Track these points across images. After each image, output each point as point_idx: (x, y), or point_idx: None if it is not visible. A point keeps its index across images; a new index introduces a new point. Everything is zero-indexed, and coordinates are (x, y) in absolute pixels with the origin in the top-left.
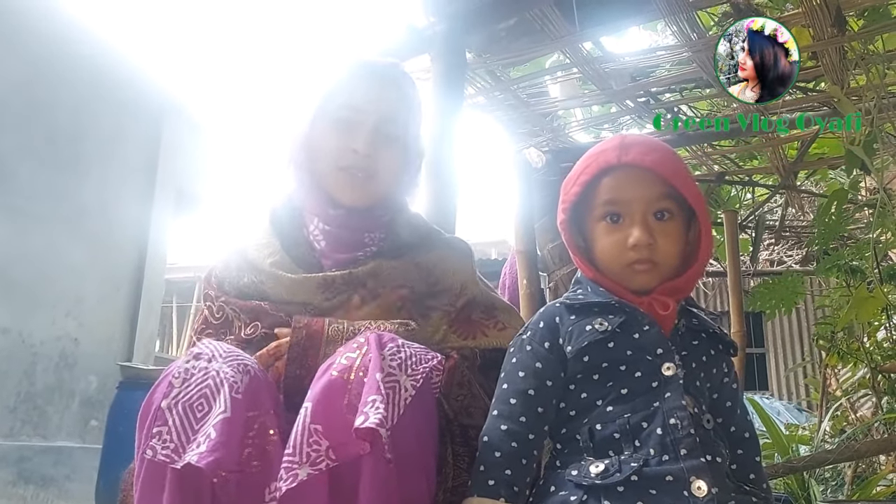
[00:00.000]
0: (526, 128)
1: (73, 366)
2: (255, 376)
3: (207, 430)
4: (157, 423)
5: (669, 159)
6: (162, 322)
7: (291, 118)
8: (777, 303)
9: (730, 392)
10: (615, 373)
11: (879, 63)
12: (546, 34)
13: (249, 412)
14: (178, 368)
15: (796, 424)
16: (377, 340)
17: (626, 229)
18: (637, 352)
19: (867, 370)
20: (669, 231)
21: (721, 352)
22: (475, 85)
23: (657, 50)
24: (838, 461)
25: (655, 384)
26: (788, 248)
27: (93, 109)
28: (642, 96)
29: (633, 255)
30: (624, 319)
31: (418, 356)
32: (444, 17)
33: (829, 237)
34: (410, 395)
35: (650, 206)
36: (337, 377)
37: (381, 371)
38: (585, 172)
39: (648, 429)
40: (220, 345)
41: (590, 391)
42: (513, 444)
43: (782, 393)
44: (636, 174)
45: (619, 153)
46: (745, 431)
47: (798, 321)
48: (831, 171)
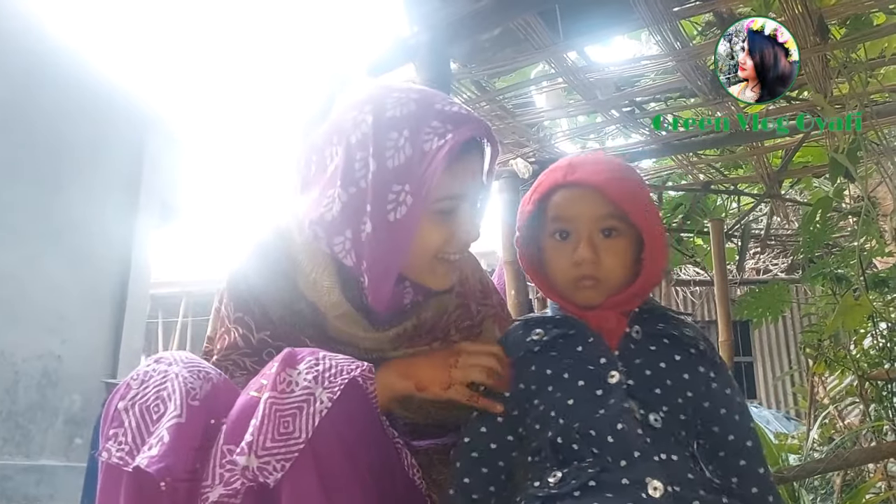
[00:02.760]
0: (512, 138)
1: (56, 383)
2: (216, 384)
3: (161, 433)
4: (113, 425)
5: (617, 178)
6: (147, 338)
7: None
8: (764, 311)
9: (722, 398)
10: (560, 382)
11: (862, 71)
12: (530, 44)
13: (210, 419)
14: (138, 371)
15: (785, 433)
16: (288, 356)
17: (573, 246)
18: (579, 362)
19: (854, 378)
20: (616, 248)
21: (693, 356)
22: (460, 95)
23: (641, 59)
24: (828, 470)
25: (600, 392)
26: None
27: (74, 124)
28: (627, 106)
29: (578, 271)
30: (565, 331)
31: (338, 368)
32: (428, 27)
33: (815, 245)
34: (326, 406)
35: (596, 224)
36: (253, 397)
37: (274, 389)
38: (537, 191)
39: (599, 437)
40: (183, 353)
41: (545, 402)
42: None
43: (770, 401)
44: (581, 192)
45: (565, 172)
46: (747, 440)
47: (785, 329)
48: (815, 180)
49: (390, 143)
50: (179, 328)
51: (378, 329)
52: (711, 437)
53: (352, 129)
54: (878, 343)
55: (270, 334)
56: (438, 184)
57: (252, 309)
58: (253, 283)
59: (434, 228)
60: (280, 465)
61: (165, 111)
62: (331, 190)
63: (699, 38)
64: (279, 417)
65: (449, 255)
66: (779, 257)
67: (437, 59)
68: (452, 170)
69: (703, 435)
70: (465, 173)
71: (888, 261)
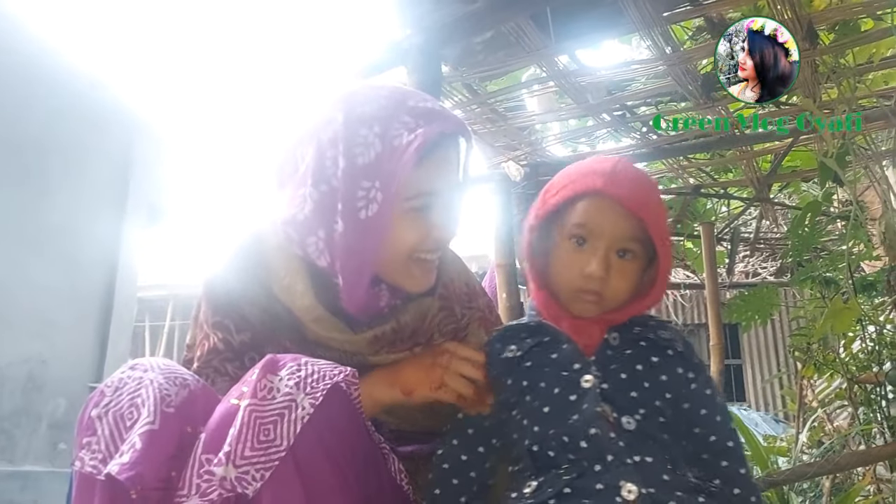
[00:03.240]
0: (503, 141)
1: (41, 388)
2: (194, 391)
3: (133, 440)
4: (87, 433)
5: (653, 202)
6: (134, 342)
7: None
8: (753, 314)
9: (702, 399)
10: (537, 391)
11: (850, 76)
12: (522, 47)
13: (187, 427)
14: (113, 378)
15: (774, 436)
16: (269, 362)
17: (587, 256)
18: (553, 368)
19: (843, 381)
20: (627, 271)
21: (671, 358)
22: (452, 98)
23: (632, 63)
24: (818, 474)
25: (574, 398)
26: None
27: (62, 126)
28: (618, 110)
29: (585, 283)
30: (541, 340)
31: (321, 373)
32: (420, 30)
33: (803, 249)
34: (308, 413)
35: (616, 243)
36: (233, 405)
37: (254, 396)
38: (568, 188)
39: (573, 442)
40: (160, 359)
41: (521, 412)
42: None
43: (759, 404)
44: (614, 208)
45: (606, 182)
46: (728, 441)
47: (774, 332)
48: (804, 184)
49: (360, 139)
50: (167, 332)
51: (355, 332)
52: (693, 439)
53: (323, 127)
54: (867, 346)
55: (251, 337)
56: (409, 180)
57: (230, 313)
58: (230, 288)
59: (407, 226)
60: (259, 474)
61: (153, 114)
62: (302, 189)
63: (689, 43)
64: (259, 425)
65: (424, 254)
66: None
67: (428, 61)
68: (424, 166)
69: (684, 436)
70: (439, 169)
71: (876, 264)
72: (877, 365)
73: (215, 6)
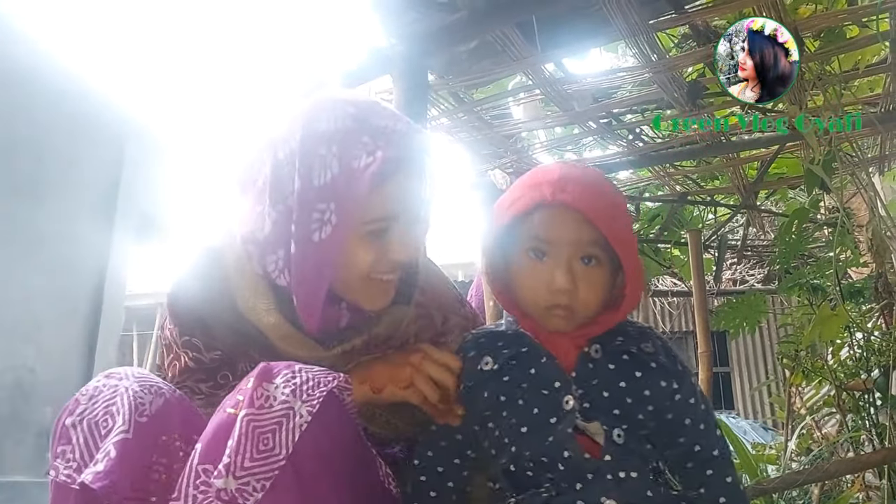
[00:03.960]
0: (490, 149)
1: (28, 396)
2: (169, 400)
3: (107, 448)
4: (61, 442)
5: (605, 203)
6: (122, 350)
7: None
8: (741, 322)
9: (686, 408)
10: (514, 408)
11: (836, 83)
12: (508, 55)
13: (162, 436)
14: (88, 386)
15: (763, 444)
16: (264, 370)
17: (550, 269)
18: (533, 385)
19: (831, 388)
20: (593, 278)
21: (654, 371)
22: (438, 107)
23: (618, 71)
24: (808, 482)
25: (553, 419)
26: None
27: (52, 133)
28: (604, 117)
29: (553, 298)
30: (518, 352)
31: (315, 380)
32: (405, 38)
33: (791, 256)
34: (306, 421)
35: (577, 250)
36: (229, 415)
37: (251, 405)
38: (518, 203)
39: (550, 463)
40: (136, 368)
41: (499, 427)
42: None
43: (748, 411)
44: (567, 215)
45: (553, 190)
46: (714, 449)
47: (762, 340)
48: (791, 191)
49: (318, 159)
50: (154, 340)
51: (325, 348)
52: (677, 448)
53: (281, 143)
54: (855, 353)
55: (220, 355)
56: (367, 204)
57: (197, 331)
58: (193, 306)
59: (363, 249)
60: (260, 484)
61: (146, 121)
62: (260, 207)
63: (675, 51)
64: (258, 434)
65: (381, 275)
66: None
67: (414, 70)
68: (382, 190)
69: (669, 446)
70: (398, 193)
71: (863, 271)
72: (865, 372)
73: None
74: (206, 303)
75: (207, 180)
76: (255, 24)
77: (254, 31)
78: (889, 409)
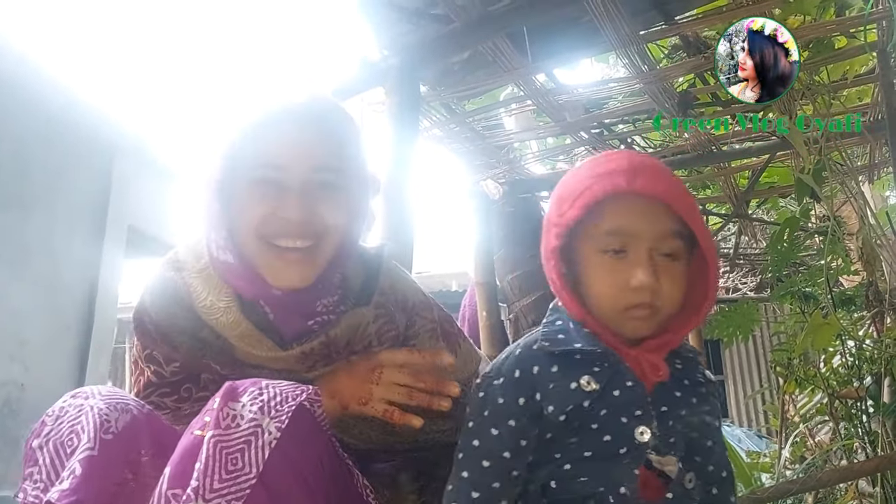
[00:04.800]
0: (482, 160)
1: (18, 412)
2: (137, 416)
3: (73, 466)
4: (29, 464)
5: (681, 190)
6: (114, 363)
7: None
8: (734, 330)
9: (711, 430)
10: (586, 432)
11: (825, 93)
12: (499, 67)
13: (131, 452)
14: (54, 407)
15: (757, 452)
16: (229, 389)
17: (629, 267)
18: (613, 412)
19: (824, 396)
20: (675, 274)
21: (705, 395)
22: (431, 118)
23: (609, 82)
24: (802, 491)
25: (623, 450)
26: (743, 276)
27: (41, 146)
28: (596, 128)
29: (634, 297)
30: (609, 375)
31: (284, 395)
32: (398, 51)
33: (782, 264)
34: (275, 437)
35: (658, 244)
36: (196, 436)
37: (218, 426)
38: (586, 195)
39: (600, 496)
40: (103, 387)
41: (555, 445)
42: None
43: (742, 420)
44: (647, 205)
45: (629, 177)
46: (723, 470)
47: (755, 348)
48: (782, 200)
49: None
50: None
51: (283, 348)
52: (691, 466)
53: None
54: (847, 361)
55: (180, 366)
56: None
57: (158, 344)
58: (154, 318)
59: (251, 199)
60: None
61: (135, 135)
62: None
63: (665, 61)
64: (225, 455)
65: (275, 238)
66: (747, 276)
67: (406, 82)
68: (267, 134)
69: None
70: (282, 138)
71: (854, 279)
72: (857, 380)
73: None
74: (165, 313)
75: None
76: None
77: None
78: (882, 416)
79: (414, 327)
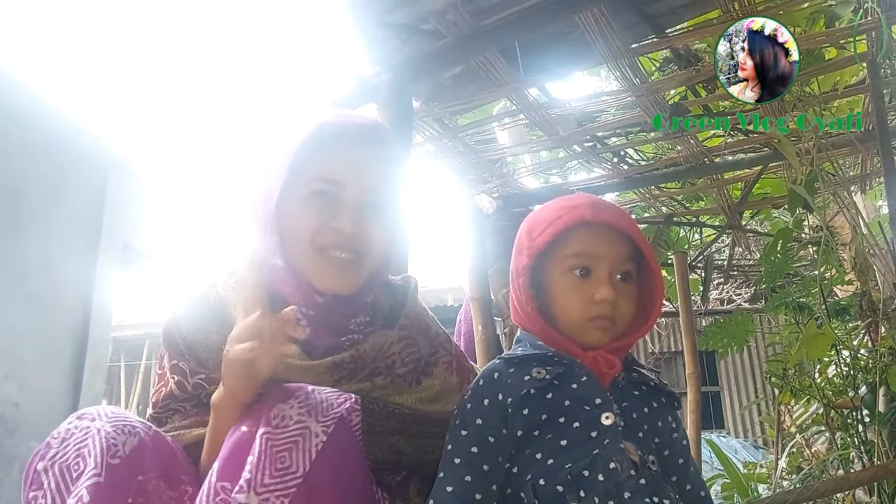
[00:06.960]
0: (475, 174)
1: (13, 431)
2: (144, 439)
3: (80, 492)
4: (32, 488)
5: (633, 223)
6: (109, 382)
7: (255, 191)
8: (729, 341)
9: (681, 448)
10: (555, 425)
11: (816, 104)
12: (492, 81)
13: (138, 476)
14: (60, 429)
15: (754, 462)
16: (278, 391)
17: (594, 284)
18: (575, 402)
19: (820, 406)
20: (629, 293)
21: (665, 404)
22: (424, 133)
23: (601, 95)
24: (799, 501)
25: (594, 434)
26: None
27: (34, 164)
28: (589, 141)
29: (597, 310)
30: (561, 371)
31: (329, 401)
32: (390, 66)
33: (776, 275)
34: (322, 440)
35: (616, 266)
36: (245, 432)
37: (268, 424)
38: (557, 223)
39: (590, 477)
40: (109, 408)
41: (531, 446)
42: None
43: (738, 430)
44: (608, 233)
45: (593, 211)
46: (701, 490)
47: (750, 359)
48: (775, 211)
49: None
50: (142, 371)
51: (314, 358)
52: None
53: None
54: (842, 371)
55: (205, 378)
56: (306, 161)
57: (185, 355)
58: (185, 332)
59: (306, 211)
60: (280, 501)
61: (129, 152)
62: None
63: (657, 74)
64: (275, 452)
65: (328, 248)
66: (742, 287)
67: (399, 97)
68: (323, 151)
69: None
70: (338, 157)
71: (848, 289)
72: (852, 389)
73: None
74: (195, 328)
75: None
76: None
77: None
78: (877, 426)
79: (436, 355)
